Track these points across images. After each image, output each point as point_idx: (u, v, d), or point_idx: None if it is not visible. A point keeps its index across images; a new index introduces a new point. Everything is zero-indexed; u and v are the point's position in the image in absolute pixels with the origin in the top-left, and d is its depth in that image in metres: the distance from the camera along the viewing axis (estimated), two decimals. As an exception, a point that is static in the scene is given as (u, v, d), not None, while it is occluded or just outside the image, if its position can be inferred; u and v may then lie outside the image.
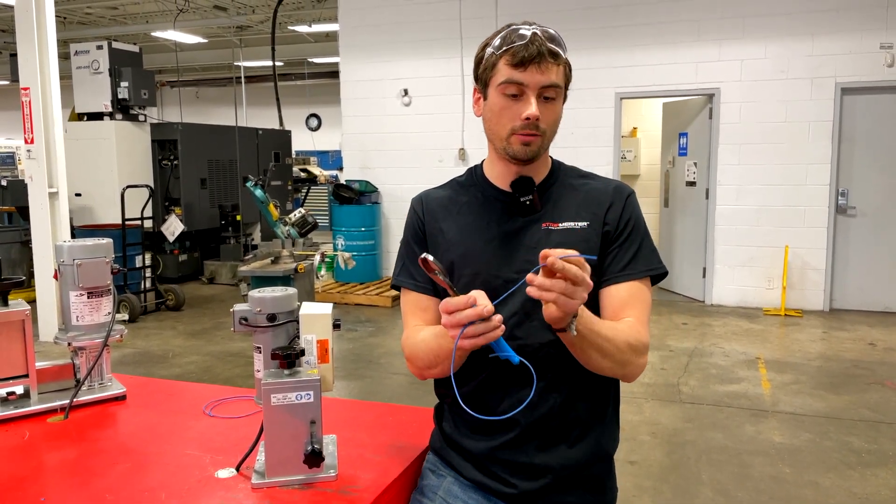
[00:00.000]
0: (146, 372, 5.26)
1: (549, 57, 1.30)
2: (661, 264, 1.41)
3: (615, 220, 1.38)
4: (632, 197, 1.43)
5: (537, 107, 1.31)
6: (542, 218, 1.39)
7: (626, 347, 1.28)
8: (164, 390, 1.91)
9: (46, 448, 1.49)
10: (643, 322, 1.35)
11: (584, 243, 1.35)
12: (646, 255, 1.39)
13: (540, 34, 1.30)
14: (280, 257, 6.09)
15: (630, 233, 1.39)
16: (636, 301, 1.36)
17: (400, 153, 8.43)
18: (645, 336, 1.33)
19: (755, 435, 3.96)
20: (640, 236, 1.40)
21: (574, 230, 1.37)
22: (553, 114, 1.35)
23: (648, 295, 1.39)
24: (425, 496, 1.43)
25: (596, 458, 1.40)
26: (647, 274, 1.38)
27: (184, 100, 16.20)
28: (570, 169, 1.48)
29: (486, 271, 1.39)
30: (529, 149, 1.34)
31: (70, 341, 1.73)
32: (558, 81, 1.32)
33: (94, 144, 8.07)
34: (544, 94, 1.32)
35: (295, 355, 1.29)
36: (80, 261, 1.71)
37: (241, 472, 1.35)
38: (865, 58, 6.72)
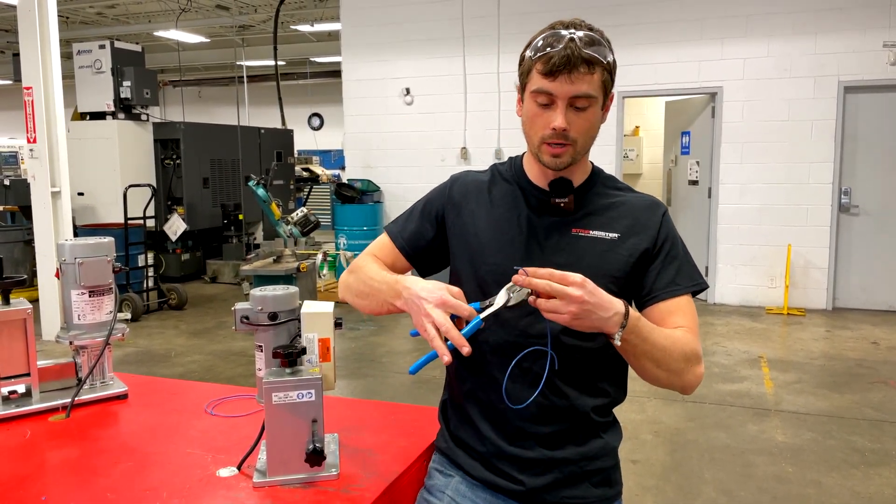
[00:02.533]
0: (148, 371, 5.26)
1: (581, 66, 1.26)
2: (703, 279, 1.41)
3: (652, 237, 1.38)
4: (667, 214, 1.43)
5: (567, 116, 1.29)
6: (573, 223, 1.38)
7: (681, 357, 1.28)
8: (165, 389, 1.91)
9: (48, 447, 1.49)
10: (695, 333, 1.35)
11: (610, 255, 1.35)
12: (689, 270, 1.40)
13: (578, 39, 1.27)
14: (282, 256, 6.10)
15: (670, 250, 1.39)
16: (685, 314, 1.35)
17: (402, 152, 8.42)
18: (698, 346, 1.34)
19: (758, 434, 3.95)
20: (681, 252, 1.40)
21: (603, 240, 1.36)
22: (585, 122, 1.31)
23: (694, 309, 1.38)
24: (433, 496, 1.42)
25: (602, 452, 1.40)
26: (693, 289, 1.38)
27: (186, 99, 16.21)
28: (608, 178, 1.47)
29: (507, 265, 1.37)
30: (559, 160, 1.33)
31: (72, 340, 1.73)
32: (591, 91, 1.28)
33: (96, 144, 8.08)
34: (575, 103, 1.29)
35: (296, 354, 1.29)
36: (82, 259, 1.71)
37: (242, 471, 1.35)
38: (869, 56, 6.70)
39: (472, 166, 8.04)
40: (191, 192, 8.76)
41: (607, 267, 1.34)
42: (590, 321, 1.17)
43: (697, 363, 1.32)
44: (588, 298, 1.15)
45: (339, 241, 8.24)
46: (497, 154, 7.92)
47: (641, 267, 1.36)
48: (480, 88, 7.73)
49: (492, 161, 8.43)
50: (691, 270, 1.40)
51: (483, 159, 8.01)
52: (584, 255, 1.35)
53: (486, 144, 7.98)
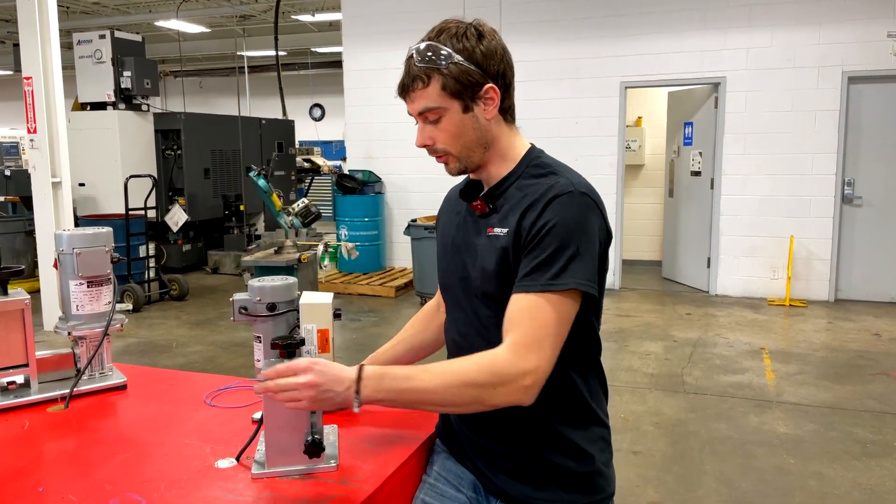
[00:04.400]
0: (150, 361, 5.26)
1: (414, 83, 1.29)
2: (568, 280, 1.21)
3: (529, 225, 1.27)
4: (560, 199, 1.25)
5: (426, 131, 1.33)
6: (488, 222, 1.37)
7: (465, 387, 1.19)
8: (164, 380, 1.90)
9: (46, 438, 1.49)
10: (518, 345, 1.20)
11: (501, 251, 1.31)
12: (555, 267, 1.22)
13: (415, 54, 1.29)
14: (283, 247, 6.08)
15: (540, 240, 1.24)
16: (526, 318, 1.22)
17: (403, 143, 8.38)
18: (506, 364, 1.19)
19: (759, 425, 3.94)
20: (554, 245, 1.23)
21: (500, 237, 1.32)
22: (444, 132, 1.32)
23: (546, 313, 1.21)
24: (426, 473, 1.48)
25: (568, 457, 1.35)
26: (546, 289, 1.22)
27: (187, 90, 16.16)
28: (536, 166, 1.35)
29: (445, 268, 1.47)
30: (449, 168, 1.38)
31: (70, 331, 1.73)
32: (431, 104, 1.30)
33: (97, 134, 8.06)
34: (428, 117, 1.32)
35: (295, 345, 1.28)
36: (80, 250, 1.70)
37: (241, 463, 1.34)
38: (873, 46, 6.66)
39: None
40: (192, 182, 8.75)
41: (502, 265, 1.31)
42: (330, 401, 1.18)
43: (509, 382, 1.19)
44: (318, 379, 1.16)
45: (341, 233, 8.22)
46: (499, 145, 7.88)
47: (518, 260, 1.29)
48: (482, 79, 7.67)
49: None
50: (559, 268, 1.22)
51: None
52: (487, 256, 1.34)
53: (488, 135, 7.94)
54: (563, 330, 1.24)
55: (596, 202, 1.30)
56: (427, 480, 1.45)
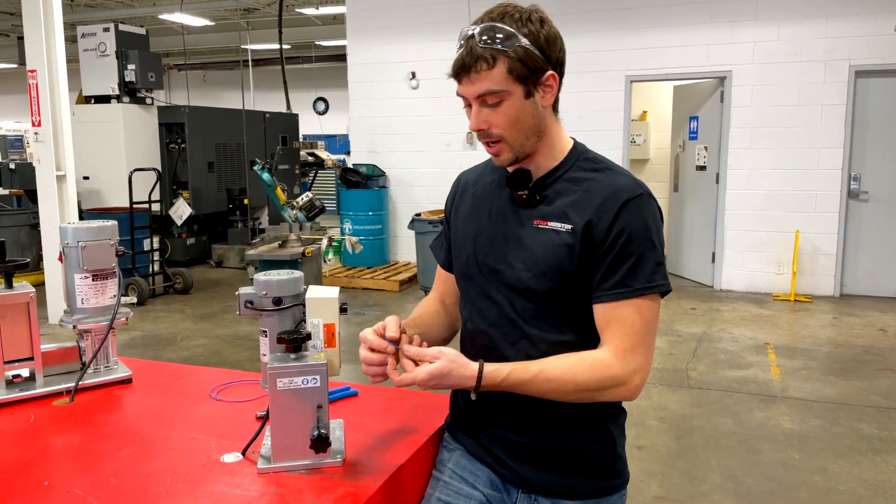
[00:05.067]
0: (154, 355, 5.27)
1: (478, 63, 1.24)
2: (662, 281, 1.28)
3: (603, 230, 1.27)
4: (632, 203, 1.28)
5: (482, 115, 1.28)
6: (536, 214, 1.35)
7: (573, 388, 1.26)
8: (170, 374, 1.90)
9: (51, 431, 1.49)
10: (624, 349, 1.26)
11: (563, 249, 1.30)
12: (642, 272, 1.27)
13: (476, 35, 1.24)
14: (287, 241, 6.07)
15: (622, 247, 1.27)
16: (621, 324, 1.27)
17: (408, 137, 8.38)
18: (618, 368, 1.26)
19: (764, 421, 3.93)
20: (637, 249, 1.27)
21: (558, 232, 1.31)
22: (503, 117, 1.27)
23: (644, 315, 1.27)
24: (438, 470, 1.46)
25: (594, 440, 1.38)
26: (640, 293, 1.27)
27: (191, 83, 16.14)
28: (588, 160, 1.37)
29: (475, 256, 1.42)
30: (500, 157, 1.34)
31: (75, 324, 1.72)
32: (493, 87, 1.24)
33: (101, 127, 8.06)
34: (486, 100, 1.27)
35: (301, 339, 1.27)
36: (85, 243, 1.69)
37: (247, 457, 1.34)
38: (880, 40, 6.61)
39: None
40: (196, 176, 8.74)
41: (559, 262, 1.30)
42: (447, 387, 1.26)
43: (616, 386, 1.26)
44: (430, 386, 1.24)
45: (345, 227, 8.21)
46: (503, 139, 7.86)
47: (590, 261, 1.29)
48: (487, 72, 7.63)
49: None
50: (647, 272, 1.27)
51: (489, 144, 7.95)
52: (538, 250, 1.32)
53: (493, 129, 7.91)
54: (654, 327, 1.31)
55: (654, 199, 1.33)
56: (441, 478, 1.43)
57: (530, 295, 1.33)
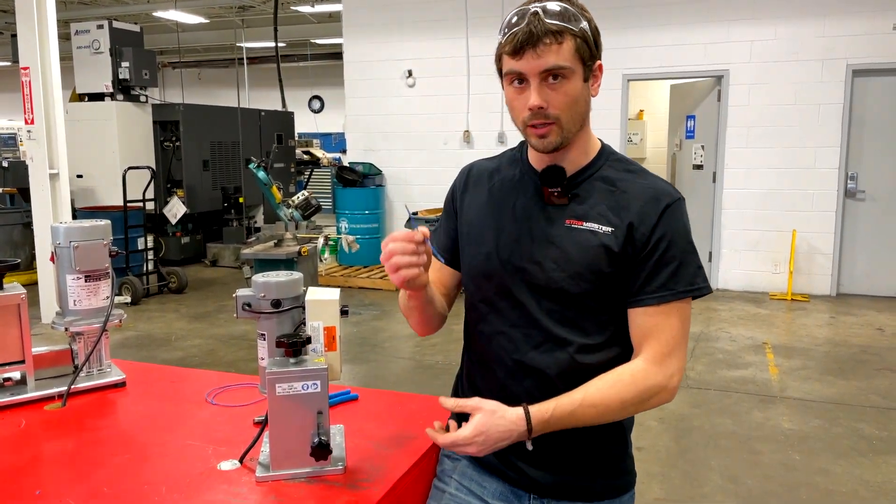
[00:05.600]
0: (149, 355, 5.22)
1: (546, 37, 1.19)
2: (703, 284, 1.30)
3: (645, 234, 1.26)
4: (672, 207, 1.28)
5: (542, 93, 1.23)
6: (568, 213, 1.31)
7: (623, 406, 1.25)
8: (165, 377, 1.86)
9: (43, 437, 1.45)
10: (663, 354, 1.26)
11: (601, 250, 1.27)
12: (685, 275, 1.28)
13: (541, 11, 1.20)
14: (283, 240, 6.02)
15: (665, 250, 1.27)
16: (661, 329, 1.27)
17: (404, 135, 8.34)
18: (658, 375, 1.26)
19: (763, 421, 3.91)
20: (679, 253, 1.27)
21: (596, 233, 1.28)
22: (563, 97, 1.23)
23: (683, 318, 1.29)
24: (441, 481, 1.41)
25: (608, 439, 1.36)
26: (683, 296, 1.28)
27: (185, 81, 16.05)
28: (618, 160, 1.35)
29: (497, 254, 1.36)
30: (546, 140, 1.27)
31: (67, 326, 1.68)
32: (561, 62, 1.20)
33: (95, 125, 7.99)
34: (548, 78, 1.22)
35: (301, 343, 1.23)
36: (77, 243, 1.65)
37: (244, 465, 1.30)
38: (877, 39, 6.60)
39: (475, 150, 7.98)
40: (191, 174, 8.69)
41: (596, 263, 1.27)
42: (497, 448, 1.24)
43: (655, 394, 1.26)
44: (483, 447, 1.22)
45: (341, 225, 8.17)
46: (500, 138, 7.84)
47: (630, 265, 1.27)
48: (484, 70, 7.61)
49: (494, 145, 8.43)
50: (690, 274, 1.28)
51: (486, 143, 7.93)
52: (573, 250, 1.28)
53: (490, 128, 7.89)
54: (689, 328, 1.32)
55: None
56: (447, 490, 1.39)
57: (561, 296, 1.29)
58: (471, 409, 1.24)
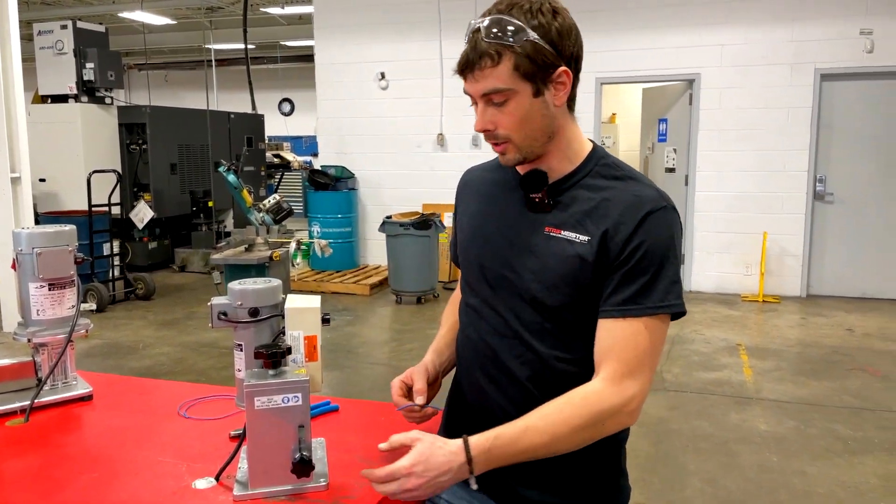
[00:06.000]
0: (116, 364, 5.08)
1: (482, 60, 1.15)
2: (675, 301, 1.19)
3: (622, 241, 1.19)
4: (654, 216, 1.20)
5: (488, 114, 1.20)
6: (548, 220, 1.25)
7: (569, 432, 1.16)
8: (134, 389, 1.78)
9: (4, 455, 1.36)
10: (622, 374, 1.17)
11: (576, 261, 1.21)
12: (656, 290, 1.18)
13: (483, 30, 1.15)
14: (254, 245, 5.90)
15: (638, 261, 1.18)
16: (624, 346, 1.18)
17: (377, 138, 8.26)
18: (613, 397, 1.17)
19: (740, 423, 3.92)
20: (654, 266, 1.18)
21: (573, 243, 1.21)
22: (509, 117, 1.19)
23: (651, 336, 1.18)
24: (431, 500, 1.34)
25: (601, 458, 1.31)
26: (651, 312, 1.18)
27: (152, 83, 15.73)
28: (607, 166, 1.27)
29: (482, 260, 1.33)
30: (506, 157, 1.26)
31: (30, 337, 1.59)
32: (500, 85, 1.16)
33: (58, 128, 7.78)
34: (493, 99, 1.19)
35: (280, 354, 1.17)
36: (40, 249, 1.57)
37: (221, 482, 1.23)
38: (845, 43, 6.71)
39: (449, 153, 7.94)
40: (158, 178, 8.50)
41: (572, 274, 1.21)
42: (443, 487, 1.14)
43: (610, 417, 1.17)
44: (421, 481, 1.12)
45: (313, 229, 8.07)
46: (474, 140, 7.80)
47: (603, 275, 1.20)
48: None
49: (469, 148, 8.41)
50: (661, 290, 1.18)
51: (460, 146, 7.90)
52: (550, 260, 1.23)
53: (464, 131, 7.85)
54: (660, 349, 1.22)
55: (678, 216, 1.26)
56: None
57: (539, 307, 1.24)
58: (410, 441, 1.16)
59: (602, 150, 1.32)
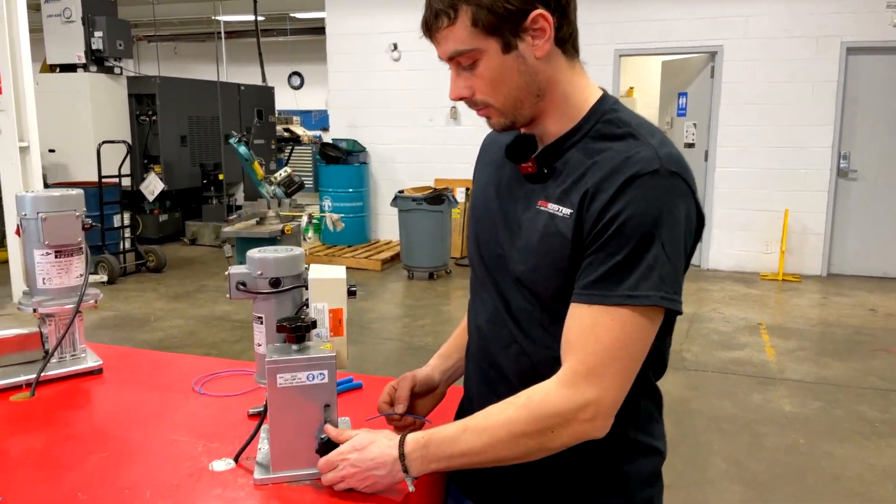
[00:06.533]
0: (127, 336, 5.02)
1: (438, 21, 1.00)
2: (650, 293, 0.94)
3: (598, 211, 0.97)
4: (641, 180, 0.96)
5: (461, 80, 1.04)
6: (539, 191, 1.06)
7: (507, 436, 0.98)
8: (146, 362, 1.69)
9: (8, 433, 1.28)
10: (575, 373, 0.96)
11: (557, 239, 1.01)
12: (633, 274, 0.95)
13: None
14: (265, 218, 5.82)
15: (612, 235, 0.95)
16: (586, 339, 0.97)
17: (389, 111, 8.12)
18: (560, 400, 0.96)
19: (764, 403, 3.83)
20: (632, 244, 0.95)
21: (554, 218, 1.02)
22: (482, 80, 1.02)
23: (621, 331, 0.96)
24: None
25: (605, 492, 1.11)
26: (620, 302, 0.95)
27: (162, 56, 15.56)
28: (608, 123, 1.04)
29: (479, 235, 1.18)
30: (492, 123, 1.09)
31: (35, 307, 1.50)
32: (461, 46, 1.00)
33: (67, 98, 7.66)
34: (460, 62, 1.03)
35: (305, 328, 1.07)
36: (45, 214, 1.48)
37: (240, 464, 1.15)
38: (872, 17, 6.49)
39: (462, 127, 7.79)
40: (168, 150, 8.40)
41: (553, 255, 1.02)
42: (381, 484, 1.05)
43: (557, 426, 0.97)
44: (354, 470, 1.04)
45: (324, 204, 7.96)
46: (488, 114, 7.64)
47: (580, 253, 1.00)
48: (471, 45, 7.40)
49: (482, 122, 8.16)
50: (637, 276, 0.95)
51: (474, 120, 7.63)
52: (533, 238, 1.05)
53: (477, 104, 7.67)
54: (636, 352, 0.98)
55: (687, 181, 1.00)
56: None
57: (524, 291, 1.07)
58: (355, 432, 1.08)
59: (610, 102, 1.07)
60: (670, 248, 0.96)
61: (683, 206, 0.99)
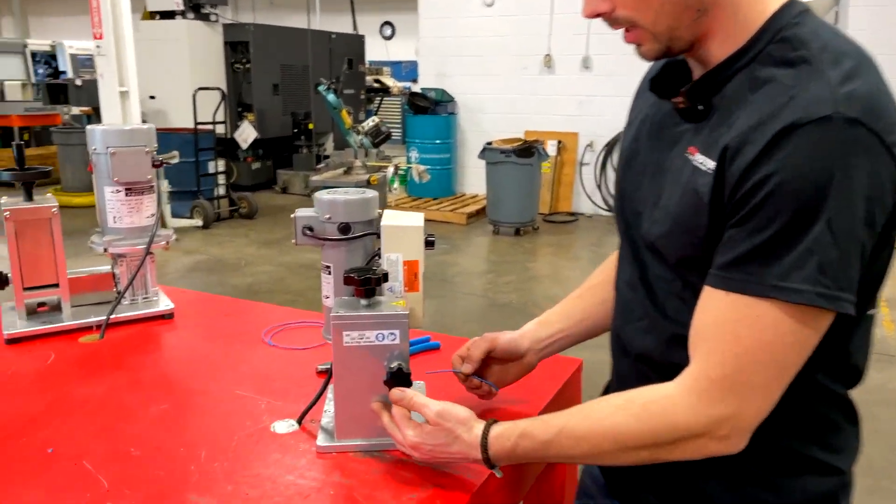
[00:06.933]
0: (218, 280, 5.14)
1: None
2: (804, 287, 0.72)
3: (738, 172, 0.75)
4: (800, 134, 0.71)
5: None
6: (693, 136, 0.84)
7: (615, 447, 0.82)
8: (218, 308, 1.62)
9: (71, 376, 1.22)
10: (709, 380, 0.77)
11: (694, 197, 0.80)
12: (786, 258, 0.72)
13: None
14: (352, 168, 5.81)
15: (759, 204, 0.73)
16: (723, 335, 0.77)
17: (479, 59, 7.85)
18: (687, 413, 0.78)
19: (883, 383, 3.48)
20: (784, 218, 0.72)
21: (696, 171, 0.81)
22: None
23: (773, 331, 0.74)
24: None
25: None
26: (765, 294, 0.74)
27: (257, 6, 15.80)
28: (783, 42, 0.78)
29: (624, 186, 0.97)
30: (643, 49, 0.85)
31: (106, 247, 1.44)
32: None
33: (166, 45, 7.82)
34: None
35: (376, 281, 0.94)
36: (115, 149, 1.40)
37: (303, 427, 1.04)
38: None
39: (556, 76, 7.45)
40: (261, 98, 8.48)
41: (687, 217, 0.82)
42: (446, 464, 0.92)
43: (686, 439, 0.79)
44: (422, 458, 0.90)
45: (411, 155, 7.86)
46: (585, 62, 7.27)
47: (722, 221, 0.78)
48: (569, -12, 7.04)
49: (578, 71, 7.87)
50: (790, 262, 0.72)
51: (568, 69, 7.38)
52: (673, 194, 0.84)
53: (573, 51, 7.31)
54: (788, 358, 0.76)
55: (877, 132, 0.72)
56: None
57: (660, 259, 0.88)
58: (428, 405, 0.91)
59: (793, 13, 0.80)
60: (840, 227, 0.71)
61: (863, 166, 0.72)
